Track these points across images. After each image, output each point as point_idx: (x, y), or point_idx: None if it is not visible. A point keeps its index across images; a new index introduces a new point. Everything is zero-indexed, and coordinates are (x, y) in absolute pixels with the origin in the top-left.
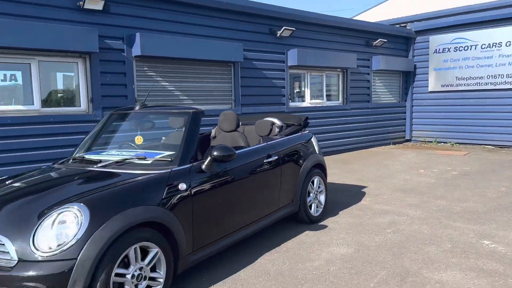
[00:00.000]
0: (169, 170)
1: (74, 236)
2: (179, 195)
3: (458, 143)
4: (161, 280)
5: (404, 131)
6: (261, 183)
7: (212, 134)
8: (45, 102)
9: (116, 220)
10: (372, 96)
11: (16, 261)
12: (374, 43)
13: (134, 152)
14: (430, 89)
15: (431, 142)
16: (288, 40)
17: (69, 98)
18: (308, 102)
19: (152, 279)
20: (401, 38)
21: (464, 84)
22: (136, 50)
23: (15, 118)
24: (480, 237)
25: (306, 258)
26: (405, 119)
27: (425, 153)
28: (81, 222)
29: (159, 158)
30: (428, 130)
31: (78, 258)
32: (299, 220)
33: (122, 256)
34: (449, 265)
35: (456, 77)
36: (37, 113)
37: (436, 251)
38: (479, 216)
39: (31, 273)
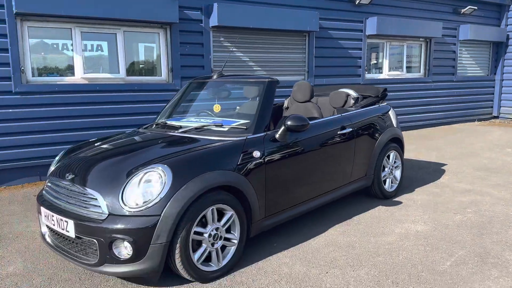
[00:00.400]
0: (244, 137)
1: (158, 195)
2: (253, 162)
3: None
4: (235, 241)
5: (492, 107)
6: (334, 155)
7: (285, 105)
8: (129, 71)
9: (195, 182)
10: (458, 68)
11: (106, 215)
12: (463, 10)
13: (211, 120)
14: None
15: None
16: (367, 7)
17: (151, 68)
18: (386, 73)
19: (227, 239)
20: (493, 5)
21: None
22: (213, 20)
23: (103, 85)
24: None
25: (378, 232)
26: (493, 94)
27: None
28: (165, 182)
29: (235, 125)
30: None
31: (162, 214)
32: (372, 194)
33: (200, 215)
34: None
35: None
36: (123, 81)
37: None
38: None
39: (120, 226)
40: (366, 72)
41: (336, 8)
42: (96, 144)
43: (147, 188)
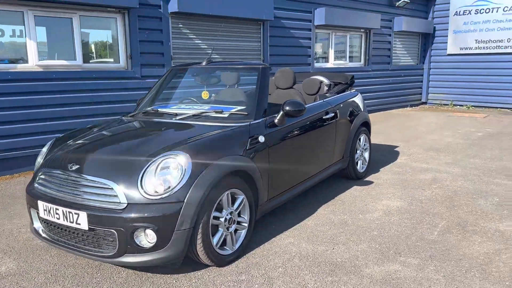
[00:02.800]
0: (248, 123)
1: (179, 181)
2: (258, 147)
3: (474, 106)
4: (245, 224)
5: (421, 93)
6: (321, 138)
7: None
8: (86, 58)
9: (213, 167)
10: (393, 58)
11: (125, 204)
12: (397, 3)
13: (207, 106)
14: (448, 51)
15: (447, 104)
16: None
17: (109, 55)
18: (331, 63)
19: (238, 223)
20: None
21: (484, 48)
22: (173, 6)
23: (59, 73)
24: None
25: (363, 210)
26: (422, 81)
27: (445, 115)
28: (185, 169)
29: (235, 111)
30: (444, 93)
31: (185, 201)
32: (346, 176)
33: (218, 200)
34: (503, 216)
35: (476, 40)
36: (80, 68)
37: (486, 204)
38: None
39: (142, 214)
40: (315, 61)
41: None
42: (92, 133)
43: (166, 175)
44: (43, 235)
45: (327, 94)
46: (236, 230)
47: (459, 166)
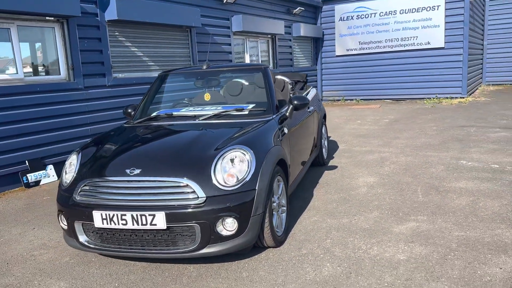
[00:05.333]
0: (271, 117)
1: (248, 171)
2: (284, 137)
3: (363, 99)
4: (285, 208)
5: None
6: (310, 128)
7: None
8: (27, 71)
9: (269, 157)
10: (294, 60)
11: (204, 197)
12: (294, 11)
13: (219, 106)
14: (336, 53)
15: (339, 100)
16: (232, 6)
17: (49, 66)
18: None
19: (282, 206)
20: (311, 6)
21: (366, 48)
22: (111, 14)
23: (0, 88)
24: (456, 159)
25: (351, 188)
26: (317, 81)
27: (346, 109)
28: (250, 160)
29: (253, 109)
30: (336, 90)
31: (257, 188)
32: (316, 163)
33: (273, 186)
34: (456, 178)
35: (359, 42)
36: (21, 82)
37: (437, 171)
38: (439, 147)
39: (224, 205)
40: None
41: (210, 6)
42: (121, 139)
43: (235, 167)
44: (93, 246)
45: (299, 91)
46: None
47: (392, 146)
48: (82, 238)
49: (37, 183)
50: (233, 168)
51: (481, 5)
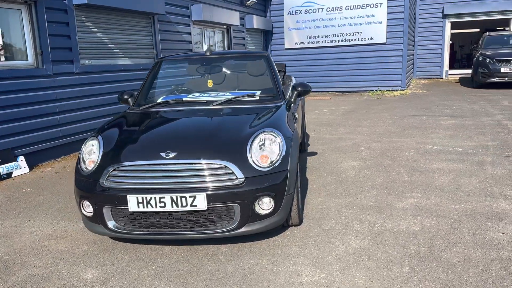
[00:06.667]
0: (281, 103)
1: (280, 153)
2: (295, 120)
3: (312, 91)
4: (299, 189)
5: None
6: (300, 114)
7: None
8: None
9: (294, 140)
10: None
11: (243, 178)
12: (247, 2)
13: (227, 92)
14: (286, 46)
15: None
16: None
17: (16, 51)
18: None
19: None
20: None
21: (314, 42)
22: None
23: None
24: (422, 144)
25: (340, 171)
26: None
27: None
28: (280, 142)
29: (262, 94)
30: None
31: (288, 169)
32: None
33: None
34: (429, 160)
35: (307, 36)
36: None
37: (410, 154)
38: (401, 134)
39: (262, 185)
40: None
41: None
42: (145, 123)
43: (269, 148)
44: (123, 230)
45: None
46: None
47: (359, 134)
48: (111, 223)
49: (9, 175)
50: (266, 149)
51: (413, 4)
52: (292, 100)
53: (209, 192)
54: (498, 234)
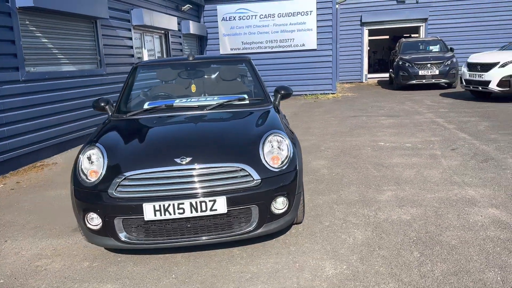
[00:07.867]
0: (271, 106)
1: (288, 153)
2: (286, 122)
3: None
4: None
5: None
6: None
7: None
8: None
9: (296, 141)
10: None
11: (259, 179)
12: (183, 8)
13: (216, 97)
14: (221, 52)
15: None
16: None
17: None
18: None
19: None
20: (195, 4)
21: (249, 48)
22: (23, 1)
23: None
24: (374, 142)
25: (312, 170)
26: None
27: None
28: (288, 143)
29: (251, 98)
30: None
31: (297, 168)
32: None
33: None
34: (388, 155)
35: (242, 42)
36: None
37: (368, 152)
38: (351, 134)
39: (278, 185)
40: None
41: None
42: (145, 129)
43: (279, 149)
44: (135, 241)
45: None
46: None
47: (312, 135)
48: (123, 235)
49: None
50: (276, 150)
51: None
52: (277, 103)
53: (228, 196)
54: (478, 217)
